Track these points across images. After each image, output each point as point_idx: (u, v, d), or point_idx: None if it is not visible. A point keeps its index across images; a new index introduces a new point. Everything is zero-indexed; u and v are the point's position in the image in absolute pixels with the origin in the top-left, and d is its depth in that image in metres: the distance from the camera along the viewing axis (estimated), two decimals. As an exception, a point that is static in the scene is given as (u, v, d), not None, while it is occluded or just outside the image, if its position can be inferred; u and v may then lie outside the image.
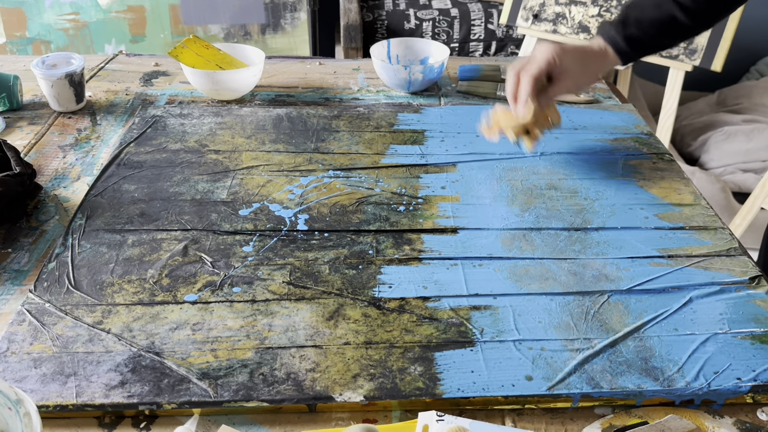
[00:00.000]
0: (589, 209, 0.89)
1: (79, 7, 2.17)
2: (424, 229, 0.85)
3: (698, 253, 0.82)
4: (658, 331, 0.70)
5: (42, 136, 1.06)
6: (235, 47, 1.23)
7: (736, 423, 0.62)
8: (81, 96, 1.14)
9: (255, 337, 0.68)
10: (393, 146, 1.03)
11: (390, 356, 0.66)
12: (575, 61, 0.91)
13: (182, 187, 0.92)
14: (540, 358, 0.67)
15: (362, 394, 0.62)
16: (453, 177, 0.96)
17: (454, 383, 0.64)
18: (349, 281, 0.76)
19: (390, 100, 1.19)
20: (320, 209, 0.88)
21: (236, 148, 1.01)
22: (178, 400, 0.61)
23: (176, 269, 0.77)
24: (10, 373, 0.63)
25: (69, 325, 0.69)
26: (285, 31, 2.30)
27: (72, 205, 0.89)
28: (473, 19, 2.31)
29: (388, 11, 2.33)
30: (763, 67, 2.66)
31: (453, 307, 0.73)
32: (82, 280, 0.75)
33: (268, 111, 1.12)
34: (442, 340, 0.69)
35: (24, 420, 0.50)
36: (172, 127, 1.06)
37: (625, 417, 0.62)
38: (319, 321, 0.71)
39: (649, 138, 1.07)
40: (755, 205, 1.81)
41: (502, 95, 1.20)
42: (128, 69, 1.30)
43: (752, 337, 0.70)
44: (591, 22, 1.88)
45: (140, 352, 0.66)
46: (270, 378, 0.64)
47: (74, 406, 0.61)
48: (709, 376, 0.65)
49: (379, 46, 1.25)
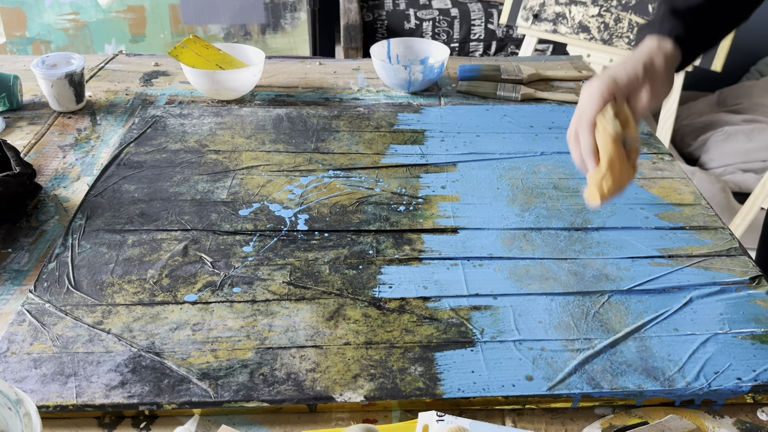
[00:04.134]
0: (589, 209, 0.89)
1: (79, 7, 2.17)
2: (425, 229, 0.85)
3: (698, 253, 0.82)
4: (659, 331, 0.70)
5: (42, 136, 1.06)
6: (235, 47, 1.23)
7: (736, 423, 0.62)
8: (81, 96, 1.14)
9: (255, 337, 0.68)
10: (393, 146, 1.03)
11: (390, 356, 0.66)
12: (635, 68, 0.74)
13: (182, 187, 0.92)
14: (540, 358, 0.67)
15: (362, 394, 0.62)
16: (453, 177, 0.96)
17: (455, 383, 0.64)
18: (349, 281, 0.76)
19: (390, 100, 1.19)
20: (320, 209, 0.88)
21: (236, 148, 1.01)
22: (178, 401, 0.61)
23: (176, 269, 0.77)
24: (10, 373, 0.63)
25: (69, 325, 0.69)
26: (285, 31, 2.30)
27: (72, 205, 0.89)
28: (473, 19, 2.31)
29: (388, 11, 2.33)
30: (763, 67, 2.66)
31: (453, 308, 0.73)
32: (82, 280, 0.75)
33: (268, 111, 1.12)
34: (442, 340, 0.68)
35: (24, 420, 0.50)
36: (172, 127, 1.06)
37: (625, 417, 0.62)
38: (320, 321, 0.71)
39: (649, 138, 1.07)
40: (755, 205, 1.81)
41: (502, 95, 1.20)
42: (128, 69, 1.30)
43: (753, 337, 0.70)
44: (591, 22, 1.88)
45: (140, 352, 0.66)
46: (270, 378, 0.64)
47: (74, 407, 0.61)
48: (710, 377, 0.65)
49: (379, 46, 1.25)
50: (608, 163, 0.69)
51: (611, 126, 0.70)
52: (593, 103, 0.72)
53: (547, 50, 2.31)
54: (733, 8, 0.80)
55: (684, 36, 0.77)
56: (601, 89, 0.72)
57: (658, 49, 0.76)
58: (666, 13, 0.78)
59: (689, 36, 0.77)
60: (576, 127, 0.73)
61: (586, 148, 0.72)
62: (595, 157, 0.71)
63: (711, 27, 0.79)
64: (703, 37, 0.79)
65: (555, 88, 1.26)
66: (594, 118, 0.71)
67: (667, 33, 0.77)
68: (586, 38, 1.90)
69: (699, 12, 0.77)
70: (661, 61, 0.75)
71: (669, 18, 0.77)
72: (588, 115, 0.72)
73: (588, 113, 0.72)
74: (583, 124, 0.72)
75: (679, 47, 0.76)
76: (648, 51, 0.75)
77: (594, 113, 0.71)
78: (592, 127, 0.71)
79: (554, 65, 1.36)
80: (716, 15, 0.78)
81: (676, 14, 0.77)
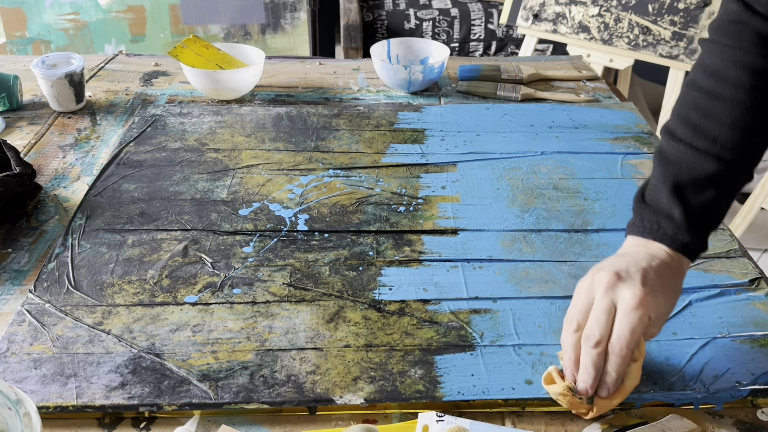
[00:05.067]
0: (589, 210, 0.89)
1: (79, 7, 2.17)
2: (425, 230, 0.85)
3: (698, 255, 0.82)
4: (657, 336, 0.70)
5: (42, 136, 1.06)
6: (235, 47, 1.23)
7: (736, 423, 0.62)
8: (81, 96, 1.13)
9: (255, 339, 0.68)
10: (393, 145, 1.03)
11: (390, 359, 0.66)
12: (665, 299, 0.62)
13: (182, 186, 0.92)
14: (540, 363, 0.67)
15: (362, 396, 0.62)
16: (453, 177, 0.96)
17: (454, 386, 0.64)
18: (349, 283, 0.76)
19: (390, 100, 1.19)
20: (320, 209, 0.88)
21: (236, 146, 1.01)
22: (178, 402, 0.61)
23: (176, 270, 0.77)
24: (10, 373, 0.63)
25: (69, 325, 0.69)
26: (285, 31, 2.29)
27: (72, 205, 0.89)
28: (473, 19, 2.31)
29: (388, 11, 2.33)
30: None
31: (453, 311, 0.73)
32: (82, 280, 0.75)
33: (268, 110, 1.12)
34: (442, 343, 0.68)
35: (24, 420, 0.50)
36: (172, 125, 1.06)
37: (625, 417, 0.62)
38: (320, 323, 0.71)
39: (649, 137, 1.07)
40: (755, 205, 1.81)
41: (502, 95, 1.20)
42: (128, 69, 1.30)
43: (752, 340, 0.70)
44: (591, 22, 1.88)
45: (140, 353, 0.66)
46: (270, 380, 0.64)
47: (74, 407, 0.61)
48: (709, 381, 0.65)
49: (379, 46, 1.25)
50: (621, 396, 0.60)
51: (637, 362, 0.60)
52: (637, 329, 0.58)
53: (547, 50, 2.31)
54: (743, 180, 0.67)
55: (698, 248, 0.65)
56: (645, 311, 0.58)
57: (677, 265, 0.64)
58: (681, 217, 0.64)
59: (702, 242, 0.65)
60: (600, 337, 0.58)
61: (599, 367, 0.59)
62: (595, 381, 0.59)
63: (719, 213, 0.67)
64: (711, 227, 0.67)
65: (555, 88, 1.26)
66: (628, 352, 0.58)
67: (680, 249, 0.64)
68: (586, 38, 1.90)
69: (713, 207, 0.65)
70: (680, 281, 0.64)
71: (685, 228, 0.64)
72: (627, 348, 0.58)
73: (629, 344, 0.58)
74: (623, 353, 0.58)
75: (692, 259, 0.66)
76: (674, 267, 0.63)
77: (638, 338, 0.59)
78: (625, 361, 0.59)
79: (554, 65, 1.36)
80: (728, 198, 0.66)
81: (690, 217, 0.64)
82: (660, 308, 0.60)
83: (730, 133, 0.64)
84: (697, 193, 0.64)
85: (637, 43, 1.84)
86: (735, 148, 0.64)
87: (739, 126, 0.63)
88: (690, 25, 1.77)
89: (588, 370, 0.59)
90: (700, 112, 0.65)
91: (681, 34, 1.79)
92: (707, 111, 0.65)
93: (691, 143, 0.65)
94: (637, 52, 1.85)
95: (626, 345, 0.58)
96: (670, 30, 1.80)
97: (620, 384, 0.60)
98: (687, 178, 0.64)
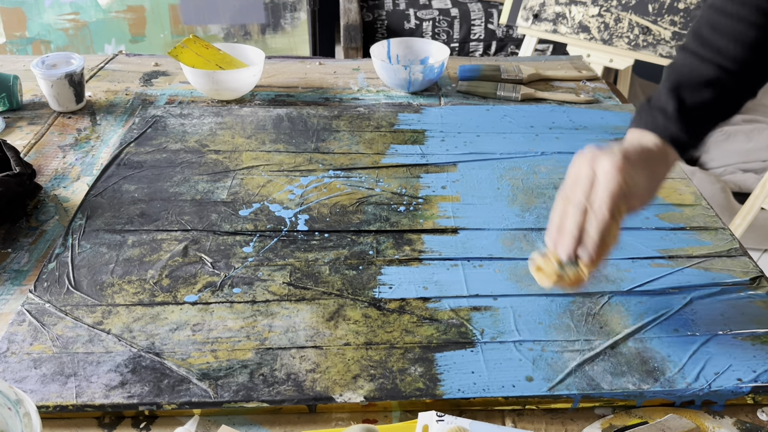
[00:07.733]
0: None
1: (79, 7, 2.17)
2: (425, 229, 0.85)
3: (699, 254, 0.82)
4: (659, 333, 0.70)
5: (42, 136, 1.06)
6: (235, 47, 1.23)
7: (737, 423, 0.62)
8: (81, 96, 1.13)
9: (255, 337, 0.68)
10: (393, 146, 1.03)
11: (390, 357, 0.66)
12: (644, 176, 0.66)
13: (182, 187, 0.92)
14: (540, 359, 0.67)
15: (362, 394, 0.62)
16: (453, 177, 0.96)
17: (455, 384, 0.64)
18: (349, 282, 0.76)
19: (390, 100, 1.19)
20: (320, 209, 0.88)
21: (236, 148, 1.01)
22: (178, 401, 0.61)
23: (176, 270, 0.77)
24: (10, 373, 0.63)
25: (69, 325, 0.69)
26: (285, 31, 2.30)
27: (72, 205, 0.89)
28: (473, 19, 2.31)
29: (388, 11, 2.33)
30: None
31: (453, 308, 0.73)
32: (82, 280, 0.75)
33: (268, 111, 1.12)
34: (442, 340, 0.68)
35: (24, 420, 0.50)
36: (172, 127, 1.06)
37: (625, 417, 0.62)
38: (320, 322, 0.70)
39: (649, 138, 1.07)
40: (755, 205, 1.81)
41: (502, 95, 1.20)
42: (128, 69, 1.30)
43: (753, 337, 0.70)
44: (591, 22, 1.88)
45: (140, 352, 0.66)
46: (270, 379, 0.64)
47: (74, 407, 0.61)
48: (710, 377, 0.65)
49: (379, 46, 1.25)
50: (603, 255, 0.63)
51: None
52: (614, 190, 0.62)
53: (547, 50, 2.31)
54: (730, 92, 0.71)
55: (686, 139, 0.69)
56: (622, 178, 0.62)
57: (660, 151, 0.68)
58: (674, 110, 0.68)
59: (690, 134, 0.69)
60: (585, 199, 0.63)
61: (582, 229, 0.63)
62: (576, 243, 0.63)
63: (710, 117, 0.71)
64: (702, 131, 0.71)
65: (555, 88, 1.26)
66: (612, 208, 0.62)
67: (667, 137, 0.68)
68: (586, 38, 1.90)
69: (707, 109, 0.69)
70: (663, 169, 0.69)
71: (669, 117, 0.69)
72: (606, 204, 0.62)
73: (607, 201, 0.62)
74: (601, 210, 0.62)
75: (679, 151, 0.70)
76: (655, 152, 0.68)
77: (613, 205, 0.62)
78: (607, 216, 0.62)
79: (554, 65, 1.36)
80: (716, 104, 0.70)
81: (680, 112, 0.68)
82: (636, 179, 0.64)
83: (732, 45, 0.69)
84: (693, 93, 0.69)
85: (637, 43, 1.84)
86: (737, 59, 0.69)
87: (742, 39, 0.68)
88: (690, 25, 1.77)
89: (571, 232, 0.64)
90: (709, 26, 0.70)
91: (681, 34, 1.79)
92: (715, 25, 0.70)
93: (696, 52, 0.70)
94: (637, 52, 1.85)
95: (604, 205, 0.62)
96: (670, 30, 1.80)
97: (602, 246, 0.63)
98: (686, 80, 0.70)
